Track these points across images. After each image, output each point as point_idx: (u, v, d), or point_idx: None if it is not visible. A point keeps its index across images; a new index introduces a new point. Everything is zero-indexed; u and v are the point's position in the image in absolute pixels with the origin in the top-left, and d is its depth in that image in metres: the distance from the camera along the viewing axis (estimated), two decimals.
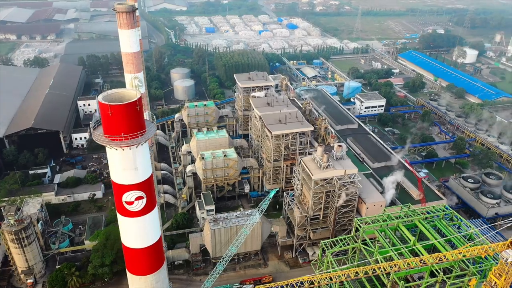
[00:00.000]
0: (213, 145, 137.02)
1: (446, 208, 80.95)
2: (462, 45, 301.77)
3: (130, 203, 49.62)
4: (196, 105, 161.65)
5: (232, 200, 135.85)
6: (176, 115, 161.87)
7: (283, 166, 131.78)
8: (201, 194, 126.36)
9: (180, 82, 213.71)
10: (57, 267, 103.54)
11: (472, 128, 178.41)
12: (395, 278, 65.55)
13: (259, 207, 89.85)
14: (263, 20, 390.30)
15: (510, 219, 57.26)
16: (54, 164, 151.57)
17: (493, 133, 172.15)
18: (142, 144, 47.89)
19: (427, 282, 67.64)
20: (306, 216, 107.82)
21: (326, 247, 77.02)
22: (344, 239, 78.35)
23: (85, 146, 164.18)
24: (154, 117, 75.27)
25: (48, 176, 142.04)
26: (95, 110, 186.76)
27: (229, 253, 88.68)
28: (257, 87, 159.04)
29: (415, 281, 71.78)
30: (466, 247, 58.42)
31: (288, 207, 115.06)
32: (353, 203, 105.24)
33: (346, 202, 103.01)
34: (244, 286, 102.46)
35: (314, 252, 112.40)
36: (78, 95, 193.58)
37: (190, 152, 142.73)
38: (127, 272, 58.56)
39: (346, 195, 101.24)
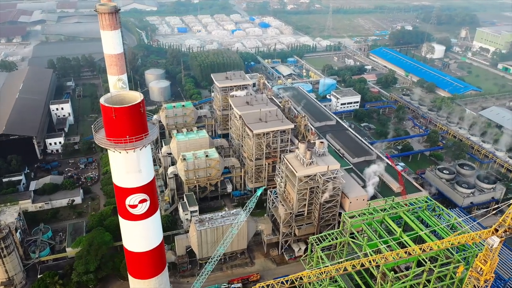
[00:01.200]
0: (194, 146, 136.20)
1: (428, 199, 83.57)
2: (430, 41, 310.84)
3: (134, 206, 48.87)
4: (174, 106, 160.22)
5: (215, 200, 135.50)
6: (154, 117, 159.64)
7: (265, 165, 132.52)
8: (184, 196, 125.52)
9: (156, 83, 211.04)
10: (38, 276, 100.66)
11: (444, 121, 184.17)
12: (384, 270, 67.17)
13: (246, 206, 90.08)
14: (235, 19, 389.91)
15: (496, 206, 59.36)
16: (28, 170, 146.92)
17: (464, 126, 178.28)
18: (145, 146, 47.27)
19: (414, 272, 69.66)
20: (291, 213, 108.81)
21: (316, 242, 77.97)
22: (332, 233, 79.58)
23: (60, 151, 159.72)
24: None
25: (23, 184, 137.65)
26: (69, 114, 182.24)
27: (217, 253, 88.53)
28: (235, 86, 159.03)
29: (402, 271, 73.76)
30: (455, 236, 60.55)
31: (272, 205, 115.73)
32: (337, 198, 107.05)
33: (330, 197, 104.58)
34: (232, 286, 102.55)
35: (300, 248, 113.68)
36: (50, 99, 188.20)
37: (170, 153, 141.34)
38: (129, 277, 57.65)
39: (330, 191, 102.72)
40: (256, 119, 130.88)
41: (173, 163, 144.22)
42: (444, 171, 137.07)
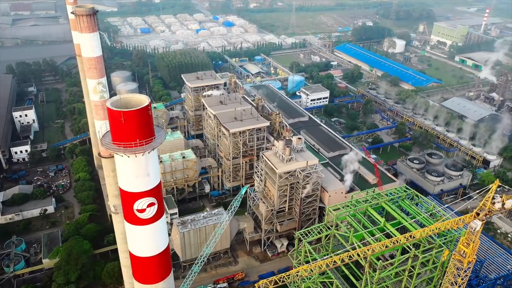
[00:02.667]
0: (169, 148, 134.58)
1: (407, 189, 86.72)
2: (391, 36, 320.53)
3: (142, 210, 47.86)
4: None
5: (194, 201, 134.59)
6: None
7: (242, 163, 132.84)
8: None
9: (123, 85, 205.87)
10: None
11: (409, 113, 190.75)
12: (372, 259, 69.18)
13: (231, 205, 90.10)
14: (199, 18, 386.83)
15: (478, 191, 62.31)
16: None
17: (429, 117, 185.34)
18: (154, 149, 46.45)
19: (400, 259, 72.17)
20: (272, 209, 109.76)
21: (302, 236, 79.23)
22: (318, 227, 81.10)
23: (27, 159, 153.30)
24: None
25: None
26: (33, 120, 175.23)
27: (204, 254, 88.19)
28: (206, 86, 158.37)
29: (387, 259, 76.22)
30: (440, 222, 63.28)
31: (253, 203, 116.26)
32: (317, 193, 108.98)
33: (309, 192, 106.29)
34: (218, 286, 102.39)
35: (282, 244, 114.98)
36: (12, 106, 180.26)
37: None
38: (135, 282, 56.41)
39: (311, 186, 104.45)
40: (231, 118, 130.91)
41: None
42: (414, 161, 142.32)
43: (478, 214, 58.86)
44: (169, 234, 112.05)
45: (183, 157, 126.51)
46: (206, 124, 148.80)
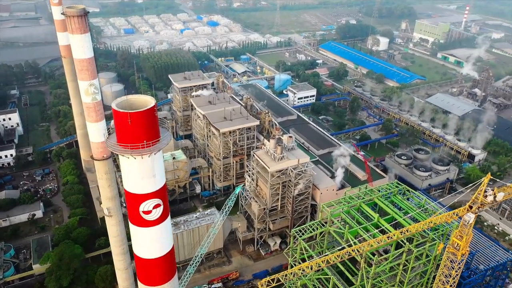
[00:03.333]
0: None
1: (399, 184, 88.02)
2: (374, 34, 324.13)
3: (148, 212, 47.43)
4: None
5: (185, 202, 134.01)
6: (112, 122, 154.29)
7: (233, 163, 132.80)
8: None
9: (108, 87, 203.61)
10: None
11: (395, 110, 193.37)
12: (368, 254, 70.03)
13: (225, 205, 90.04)
14: (183, 18, 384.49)
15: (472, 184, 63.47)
16: None
17: (414, 113, 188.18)
18: (159, 150, 46.13)
19: (394, 254, 73.22)
20: (264, 208, 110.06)
21: (298, 234, 79.74)
22: (313, 224, 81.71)
23: (12, 164, 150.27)
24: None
25: None
26: (17, 124, 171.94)
27: (198, 254, 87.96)
28: (194, 86, 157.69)
29: (381, 254, 77.21)
30: (435, 216, 64.46)
31: (245, 202, 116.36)
32: (308, 190, 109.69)
33: (301, 190, 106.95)
34: (212, 286, 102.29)
35: (275, 243, 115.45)
36: None
37: None
38: (140, 284, 55.92)
39: (303, 183, 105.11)
40: (221, 118, 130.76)
41: None
42: (402, 157, 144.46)
43: (471, 207, 60.16)
44: None
45: (174, 158, 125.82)
46: (195, 125, 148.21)
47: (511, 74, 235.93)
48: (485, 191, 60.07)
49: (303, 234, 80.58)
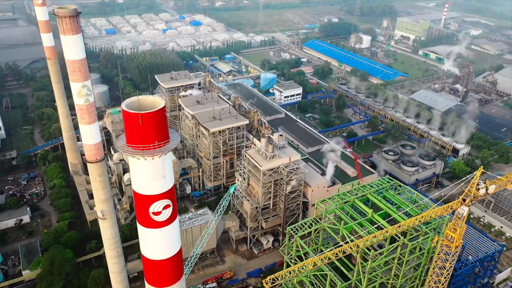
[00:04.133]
0: None
1: (391, 180, 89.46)
2: (357, 32, 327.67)
3: (158, 213, 47.00)
4: (119, 111, 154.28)
5: None
6: (99, 123, 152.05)
7: (223, 162, 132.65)
8: None
9: (93, 88, 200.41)
10: None
11: (380, 107, 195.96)
12: (364, 250, 70.98)
13: (220, 204, 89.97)
14: (165, 18, 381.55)
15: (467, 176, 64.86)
16: None
17: (399, 109, 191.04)
18: (170, 150, 45.81)
19: (388, 249, 74.46)
20: (257, 207, 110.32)
21: (293, 231, 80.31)
22: (308, 221, 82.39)
23: None
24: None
25: None
26: (0, 128, 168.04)
27: (194, 255, 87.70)
28: (181, 86, 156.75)
29: (376, 249, 78.35)
30: (431, 210, 65.76)
31: (237, 201, 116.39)
32: (300, 188, 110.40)
33: (293, 187, 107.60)
34: (207, 286, 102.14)
35: (268, 241, 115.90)
36: None
37: (123, 160, 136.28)
38: (148, 286, 55.34)
39: (295, 181, 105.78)
40: (210, 118, 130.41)
41: (125, 170, 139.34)
42: (389, 153, 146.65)
43: (464, 200, 61.61)
44: None
45: None
46: (184, 125, 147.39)
47: (491, 70, 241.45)
48: (478, 184, 61.54)
49: (298, 231, 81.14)
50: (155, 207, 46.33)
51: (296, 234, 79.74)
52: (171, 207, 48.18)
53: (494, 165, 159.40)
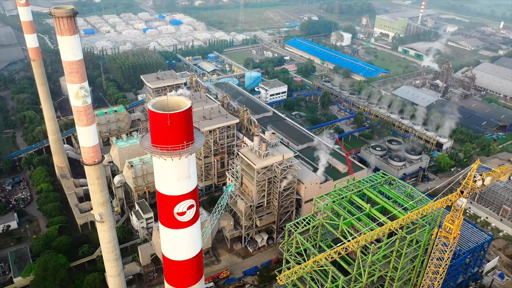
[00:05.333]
0: (137, 151, 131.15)
1: (384, 175, 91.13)
2: (337, 30, 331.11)
3: (182, 213, 46.47)
4: (105, 112, 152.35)
5: None
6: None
7: (214, 162, 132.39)
8: (135, 204, 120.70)
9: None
10: None
11: (365, 103, 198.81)
12: (366, 244, 72.07)
13: (218, 204, 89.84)
14: (144, 17, 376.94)
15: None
16: None
17: (383, 105, 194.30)
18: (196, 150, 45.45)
19: (387, 242, 75.85)
20: (251, 205, 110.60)
21: (293, 228, 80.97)
22: (306, 218, 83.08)
23: None
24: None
25: None
26: None
27: None
28: (168, 86, 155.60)
29: (375, 243, 79.69)
30: (432, 203, 67.37)
31: (230, 200, 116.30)
32: (293, 185, 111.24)
33: (287, 185, 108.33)
34: (204, 286, 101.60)
35: (263, 239, 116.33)
36: None
37: (111, 162, 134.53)
38: (168, 286, 54.69)
39: (289, 178, 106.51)
40: (200, 117, 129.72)
41: (113, 172, 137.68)
42: (376, 148, 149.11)
43: (462, 192, 63.45)
44: (147, 241, 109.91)
45: None
46: None
47: (468, 65, 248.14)
48: (474, 177, 63.45)
49: (297, 227, 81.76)
50: (180, 207, 46.01)
51: (296, 230, 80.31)
52: (194, 207, 47.93)
53: (477, 157, 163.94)
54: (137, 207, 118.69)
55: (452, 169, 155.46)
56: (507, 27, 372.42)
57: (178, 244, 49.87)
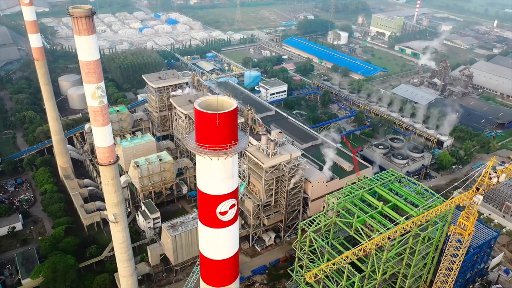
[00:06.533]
0: (141, 151, 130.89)
1: (394, 173, 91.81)
2: (333, 29, 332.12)
3: (224, 212, 46.50)
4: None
5: (172, 204, 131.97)
6: (86, 126, 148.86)
7: None
8: (142, 204, 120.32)
9: (74, 90, 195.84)
10: None
11: (365, 102, 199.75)
12: (380, 242, 72.57)
13: None
14: (140, 17, 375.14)
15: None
16: None
17: (383, 104, 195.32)
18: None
19: (400, 240, 76.45)
20: (258, 204, 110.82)
21: (306, 226, 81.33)
22: (318, 217, 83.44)
23: None
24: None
25: None
26: None
27: None
28: (170, 86, 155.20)
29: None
30: (449, 200, 68.04)
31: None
32: (301, 184, 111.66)
33: (295, 184, 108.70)
34: None
35: (270, 238, 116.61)
36: None
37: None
38: (204, 285, 54.60)
39: (297, 177, 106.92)
40: None
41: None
42: (379, 147, 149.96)
43: (478, 189, 64.21)
44: (155, 241, 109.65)
45: (160, 160, 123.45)
46: (177, 124, 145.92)
47: (464, 64, 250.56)
48: (490, 174, 64.20)
49: (310, 226, 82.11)
50: (223, 206, 46.06)
51: (309, 229, 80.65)
52: (235, 206, 48.01)
53: (477, 155, 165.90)
54: (143, 207, 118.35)
55: (453, 167, 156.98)
56: (501, 25, 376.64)
57: (218, 243, 49.91)
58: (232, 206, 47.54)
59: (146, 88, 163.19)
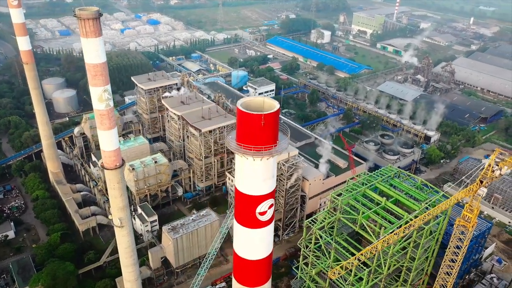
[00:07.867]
0: (135, 154, 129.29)
1: (394, 169, 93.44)
2: (316, 27, 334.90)
3: (264, 213, 46.30)
4: None
5: (168, 206, 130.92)
6: (76, 130, 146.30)
7: (214, 162, 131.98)
8: (138, 207, 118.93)
9: (60, 93, 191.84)
10: None
11: (352, 99, 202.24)
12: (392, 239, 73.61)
13: (231, 204, 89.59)
14: (121, 17, 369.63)
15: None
16: None
17: (370, 101, 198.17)
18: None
19: (406, 234, 77.87)
20: None
21: (311, 224, 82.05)
22: (323, 213, 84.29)
23: None
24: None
25: None
26: None
27: (210, 256, 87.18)
28: (161, 87, 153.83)
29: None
30: (456, 195, 69.71)
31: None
32: (299, 182, 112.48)
33: (294, 182, 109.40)
34: (217, 286, 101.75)
35: None
36: None
37: None
38: (237, 285, 54.11)
39: (295, 176, 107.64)
40: (199, 118, 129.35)
41: None
42: (370, 143, 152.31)
43: (481, 182, 66.08)
44: (154, 245, 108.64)
45: (155, 162, 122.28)
46: (169, 126, 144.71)
47: (446, 60, 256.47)
48: (492, 167, 66.12)
49: (314, 224, 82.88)
50: (262, 207, 46.01)
51: (313, 226, 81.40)
52: (273, 206, 47.98)
53: (463, 149, 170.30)
54: (140, 210, 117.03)
55: (442, 161, 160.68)
56: (477, 22, 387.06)
57: (255, 243, 49.86)
58: (271, 206, 47.65)
59: (135, 90, 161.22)
